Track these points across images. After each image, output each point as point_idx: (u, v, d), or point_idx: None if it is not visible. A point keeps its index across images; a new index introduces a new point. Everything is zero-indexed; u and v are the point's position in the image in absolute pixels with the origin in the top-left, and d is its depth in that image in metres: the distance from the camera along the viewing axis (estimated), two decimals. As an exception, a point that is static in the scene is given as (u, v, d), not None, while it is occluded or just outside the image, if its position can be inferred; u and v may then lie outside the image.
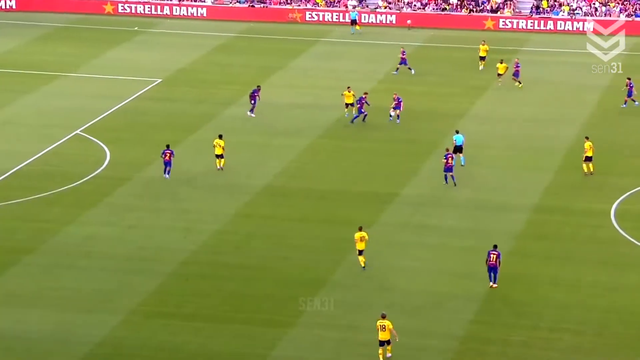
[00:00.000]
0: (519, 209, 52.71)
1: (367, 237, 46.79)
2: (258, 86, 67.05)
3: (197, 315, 43.24)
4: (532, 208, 52.97)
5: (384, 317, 40.02)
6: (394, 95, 65.11)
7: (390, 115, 64.93)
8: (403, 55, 74.76)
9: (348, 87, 67.10)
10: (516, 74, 71.00)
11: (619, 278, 45.93)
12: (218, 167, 57.73)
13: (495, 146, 61.43)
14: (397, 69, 74.75)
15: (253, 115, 65.67)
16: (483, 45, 74.74)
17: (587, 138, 57.26)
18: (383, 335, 39.70)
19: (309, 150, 61.40)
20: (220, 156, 57.73)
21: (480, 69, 72.84)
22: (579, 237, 49.86)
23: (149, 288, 45.25)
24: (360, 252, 46.74)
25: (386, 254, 48.37)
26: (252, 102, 65.95)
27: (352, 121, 64.73)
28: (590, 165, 56.52)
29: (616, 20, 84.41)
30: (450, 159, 55.39)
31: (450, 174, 55.38)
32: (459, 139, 58.11)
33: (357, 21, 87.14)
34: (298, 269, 47.03)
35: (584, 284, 45.40)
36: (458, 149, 57.84)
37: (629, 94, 67.04)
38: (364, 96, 64.88)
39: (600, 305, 43.72)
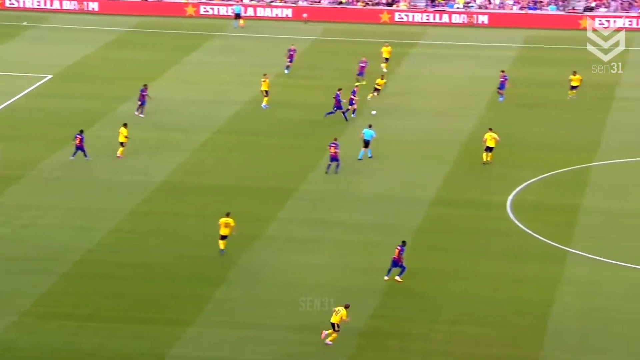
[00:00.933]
0: (419, 203, 52.78)
1: (232, 223, 46.84)
2: (145, 85, 65.75)
3: (95, 315, 42.30)
4: (432, 201, 53.11)
5: (346, 307, 40.24)
6: (356, 88, 65.01)
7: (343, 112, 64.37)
8: (291, 52, 74.08)
9: (264, 75, 66.64)
10: (361, 73, 70.79)
11: (517, 270, 46.24)
12: (119, 154, 57.74)
13: (394, 140, 61.42)
14: (288, 66, 73.91)
15: (142, 115, 64.33)
16: (386, 47, 74.42)
17: (490, 129, 57.64)
18: (334, 318, 40.02)
19: (206, 146, 60.73)
20: (121, 144, 57.46)
21: (384, 71, 72.78)
22: (477, 230, 50.12)
23: (44, 288, 44.12)
24: (223, 237, 46.75)
25: (286, 249, 48.01)
26: (141, 102, 64.64)
27: (325, 115, 63.77)
28: (490, 154, 56.95)
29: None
30: (332, 147, 55.34)
31: (336, 162, 55.37)
32: (367, 133, 58.15)
33: (241, 15, 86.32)
34: (198, 266, 46.36)
35: (484, 276, 45.61)
36: (366, 144, 57.73)
37: (501, 87, 67.66)
38: (338, 92, 63.82)
39: (500, 297, 43.95)
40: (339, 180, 55.68)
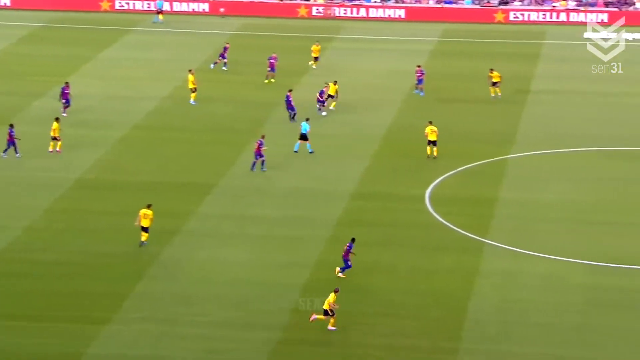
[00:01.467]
0: (339, 196, 52.89)
1: (150, 215, 46.80)
2: (66, 83, 64.82)
3: (11, 314, 41.67)
4: (352, 194, 53.26)
5: (336, 291, 40.98)
6: (325, 88, 63.90)
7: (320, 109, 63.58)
8: (225, 51, 73.23)
9: (190, 70, 66.08)
10: (272, 69, 70.50)
11: (435, 262, 46.55)
12: (50, 149, 57.20)
13: (314, 133, 61.37)
14: (216, 62, 73.02)
15: (65, 114, 63.26)
16: (316, 45, 73.93)
17: (430, 122, 57.75)
18: (325, 305, 40.77)
19: (124, 142, 60.19)
20: (54, 138, 57.21)
21: (313, 67, 72.53)
22: (396, 223, 50.37)
23: (-43, 289, 43.37)
24: (143, 229, 46.77)
25: (207, 245, 47.78)
26: (64, 101, 63.63)
27: (292, 119, 62.56)
28: (435, 149, 57.06)
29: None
30: (257, 145, 55.21)
31: (260, 159, 55.27)
32: (304, 126, 58.07)
33: (162, 11, 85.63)
34: (116, 263, 45.91)
35: (403, 269, 45.83)
36: (303, 137, 57.81)
37: (419, 82, 68.01)
38: (288, 93, 62.82)
39: (418, 289, 44.22)
40: (259, 175, 55.54)
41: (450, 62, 75.69)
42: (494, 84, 67.30)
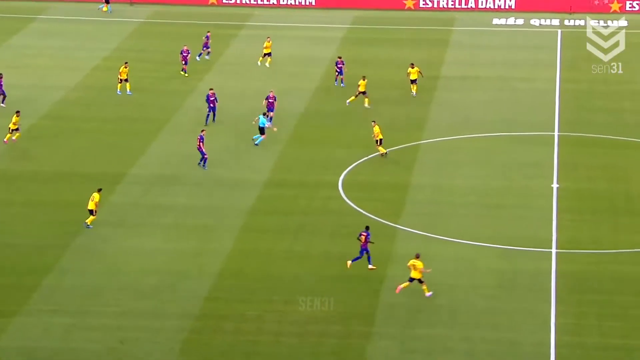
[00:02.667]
0: (251, 185, 52.74)
1: (96, 199, 47.18)
2: (0, 74, 63.46)
3: None
4: (265, 183, 53.16)
5: (417, 257, 42.22)
6: (271, 93, 60.93)
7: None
8: (207, 40, 71.76)
9: (125, 63, 65.07)
10: (186, 62, 69.76)
11: (349, 248, 46.59)
12: (5, 140, 56.60)
13: (224, 122, 61.20)
14: (201, 54, 71.42)
15: (4, 105, 62.05)
16: (268, 42, 72.45)
17: (374, 122, 57.43)
18: (413, 274, 42.12)
19: (32, 132, 59.25)
20: (10, 130, 56.68)
21: (258, 64, 71.56)
22: (309, 210, 50.41)
23: None
24: (90, 212, 47.20)
25: (117, 235, 47.33)
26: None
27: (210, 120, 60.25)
28: (381, 147, 56.83)
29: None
30: (198, 140, 54.58)
31: (201, 156, 54.67)
32: (261, 120, 57.51)
33: (109, 1, 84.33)
34: (22, 255, 45.21)
35: (316, 255, 45.92)
36: (261, 131, 57.39)
37: (340, 72, 67.85)
38: (210, 93, 60.41)
39: (331, 275, 44.35)
40: (170, 164, 55.14)
41: (362, 49, 75.83)
42: (412, 81, 66.53)
